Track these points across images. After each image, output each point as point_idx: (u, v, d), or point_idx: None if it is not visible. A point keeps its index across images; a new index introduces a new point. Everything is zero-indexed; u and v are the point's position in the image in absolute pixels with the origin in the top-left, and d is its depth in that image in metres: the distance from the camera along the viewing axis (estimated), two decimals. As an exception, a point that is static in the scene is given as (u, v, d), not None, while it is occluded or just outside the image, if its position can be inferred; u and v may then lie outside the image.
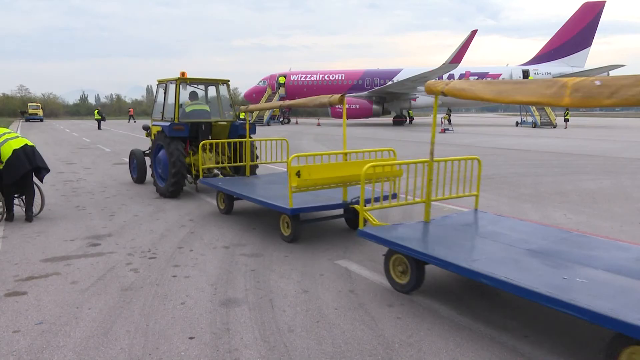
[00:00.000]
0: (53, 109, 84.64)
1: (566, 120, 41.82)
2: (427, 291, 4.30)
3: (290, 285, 4.44)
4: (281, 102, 7.99)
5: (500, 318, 3.75)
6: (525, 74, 43.03)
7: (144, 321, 3.69)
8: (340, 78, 47.93)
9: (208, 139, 9.30)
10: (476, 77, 44.31)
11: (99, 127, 39.67)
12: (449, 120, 34.18)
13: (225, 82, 9.98)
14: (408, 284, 4.24)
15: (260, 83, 50.37)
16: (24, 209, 7.10)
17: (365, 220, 5.20)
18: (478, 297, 4.17)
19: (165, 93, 9.55)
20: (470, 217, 5.40)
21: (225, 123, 9.61)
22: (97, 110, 44.36)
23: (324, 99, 6.59)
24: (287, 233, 6.02)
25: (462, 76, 44.33)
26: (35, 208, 7.19)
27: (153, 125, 9.88)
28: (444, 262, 3.83)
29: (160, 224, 6.85)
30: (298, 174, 5.66)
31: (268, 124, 46.24)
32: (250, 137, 8.95)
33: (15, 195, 7.15)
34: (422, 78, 39.57)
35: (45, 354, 3.21)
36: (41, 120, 61.56)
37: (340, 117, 45.32)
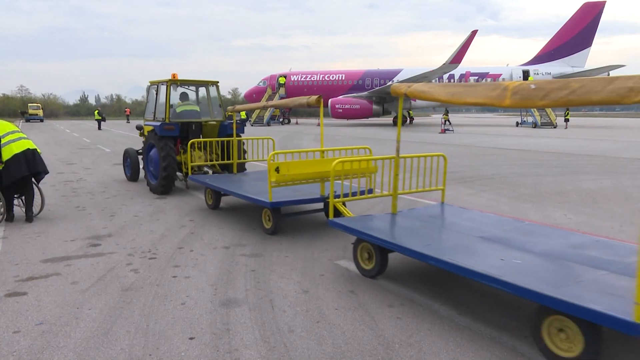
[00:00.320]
0: (53, 110, 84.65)
1: (566, 120, 41.81)
2: (427, 291, 4.30)
3: (291, 286, 4.44)
4: (265, 103, 8.73)
5: (500, 318, 3.75)
6: (526, 74, 43.03)
7: (144, 321, 3.69)
8: (340, 78, 47.92)
9: (198, 138, 9.60)
10: (476, 77, 44.33)
11: (99, 128, 39.69)
12: (448, 120, 34.18)
13: (215, 83, 10.35)
14: (373, 269, 4.66)
15: (261, 83, 50.38)
16: (23, 210, 7.11)
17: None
18: (478, 298, 4.18)
19: (156, 94, 9.94)
20: (435, 210, 5.82)
21: (214, 123, 10.00)
22: (97, 111, 44.39)
23: (303, 99, 7.12)
24: (268, 226, 6.37)
25: (462, 76, 44.34)
26: (35, 208, 7.19)
27: (145, 125, 10.23)
28: (401, 248, 4.25)
29: (160, 224, 6.85)
30: (277, 169, 6.08)
31: (268, 124, 46.24)
32: (239, 136, 9.40)
33: (15, 196, 7.15)
34: (422, 78, 39.55)
35: (45, 354, 3.21)
36: (41, 120, 61.58)
37: (341, 117, 45.32)
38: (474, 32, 35.33)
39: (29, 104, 64.76)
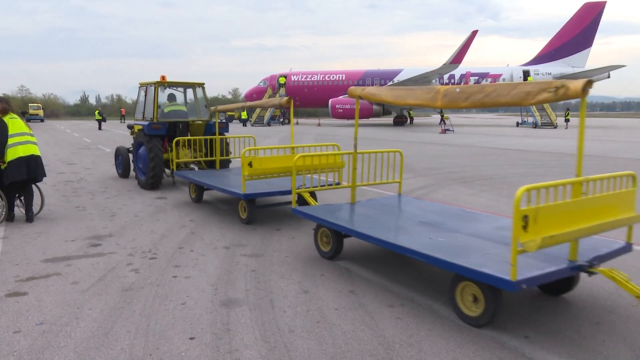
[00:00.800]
0: (54, 110, 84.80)
1: (567, 120, 41.82)
2: (427, 292, 4.30)
3: (291, 286, 4.44)
4: (243, 104, 9.69)
5: (501, 318, 3.74)
6: (526, 75, 43.03)
7: (145, 321, 3.69)
8: (340, 78, 47.93)
9: (186, 137, 10.14)
10: (477, 78, 44.34)
11: (100, 128, 39.72)
12: (442, 120, 34.16)
13: (201, 84, 10.86)
14: (330, 251, 5.32)
15: (261, 83, 50.40)
16: (23, 210, 7.11)
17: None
18: (478, 298, 4.17)
19: (145, 95, 10.45)
20: (390, 200, 6.39)
21: (201, 122, 10.58)
22: (97, 111, 44.43)
23: (276, 101, 7.92)
24: (244, 216, 6.94)
25: (462, 77, 44.33)
26: (35, 208, 7.20)
27: (135, 124, 10.77)
28: (349, 230, 4.91)
29: (160, 225, 6.85)
30: (250, 164, 6.84)
31: (268, 124, 46.27)
32: (222, 135, 10.13)
33: (15, 196, 7.15)
34: (422, 78, 39.59)
35: (46, 354, 3.21)
36: (42, 120, 61.66)
37: (341, 117, 45.37)
38: (474, 33, 35.35)
39: (30, 104, 64.80)
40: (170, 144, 9.85)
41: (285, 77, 48.55)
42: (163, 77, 10.29)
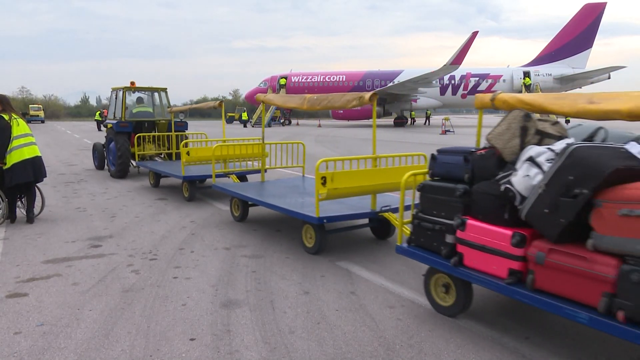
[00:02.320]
0: (54, 111, 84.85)
1: (567, 121, 41.79)
2: (428, 292, 4.30)
3: (291, 287, 4.44)
4: (190, 106, 11.40)
5: (502, 319, 3.74)
6: (526, 75, 43.02)
7: (145, 322, 3.69)
8: (341, 79, 47.94)
9: (149, 133, 11.92)
10: (477, 79, 44.34)
11: (99, 129, 39.73)
12: (429, 119, 34.01)
13: (164, 89, 12.81)
14: (239, 216, 7.04)
15: (261, 84, 50.41)
16: (24, 211, 7.11)
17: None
18: (479, 299, 4.17)
19: (116, 98, 12.32)
20: (293, 180, 8.15)
21: (164, 121, 12.45)
22: (98, 112, 44.46)
23: (211, 104, 9.66)
24: (186, 194, 8.78)
25: (462, 77, 44.33)
26: (36, 209, 7.20)
27: (107, 123, 12.65)
28: (246, 197, 6.64)
29: (161, 226, 6.86)
30: (188, 153, 8.99)
31: (269, 125, 46.29)
32: (182, 132, 12.06)
33: (17, 197, 7.15)
34: (423, 79, 39.59)
35: (46, 355, 3.21)
36: (42, 121, 61.74)
37: (341, 118, 45.44)
38: (474, 34, 35.37)
39: (30, 105, 64.86)
40: (137, 140, 11.48)
41: (286, 78, 48.56)
42: (132, 83, 12.12)
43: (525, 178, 3.14)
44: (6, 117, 6.73)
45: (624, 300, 2.59)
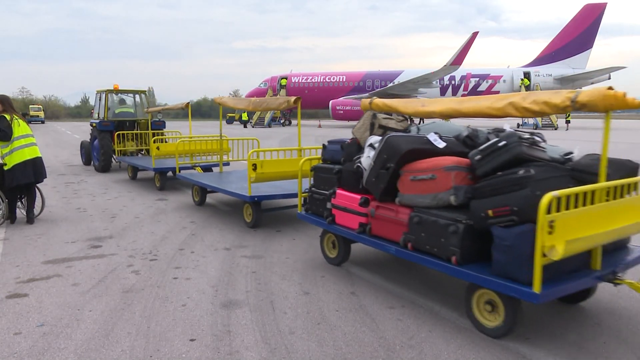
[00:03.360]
0: (54, 111, 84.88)
1: (567, 122, 41.81)
2: (428, 293, 4.30)
3: (291, 287, 4.44)
4: (160, 108, 13.14)
5: (502, 320, 3.73)
6: (527, 76, 43.01)
7: (145, 323, 3.69)
8: (341, 80, 47.92)
9: (129, 131, 13.29)
10: (477, 79, 44.33)
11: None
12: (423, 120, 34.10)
13: (143, 92, 14.31)
14: (198, 201, 8.33)
15: (261, 85, 50.38)
16: (24, 211, 7.11)
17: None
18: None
19: (100, 99, 13.70)
20: (245, 171, 8.24)
21: (144, 120, 13.71)
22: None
23: (179, 105, 11.37)
24: (158, 184, 10.14)
25: (463, 78, 44.32)
26: (36, 210, 7.20)
27: (92, 122, 14.07)
28: (201, 184, 7.98)
29: (161, 226, 6.86)
30: (158, 148, 10.46)
31: (269, 125, 46.27)
32: (160, 129, 13.34)
33: (17, 197, 7.15)
34: (423, 80, 39.59)
35: (46, 356, 3.21)
36: (42, 122, 61.75)
37: (341, 118, 45.37)
38: (474, 34, 35.35)
39: (30, 106, 64.92)
40: (118, 137, 12.71)
41: (286, 78, 48.53)
42: (115, 86, 13.65)
43: (367, 158, 4.34)
44: (8, 117, 6.73)
45: (410, 235, 3.86)
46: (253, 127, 44.97)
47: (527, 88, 42.11)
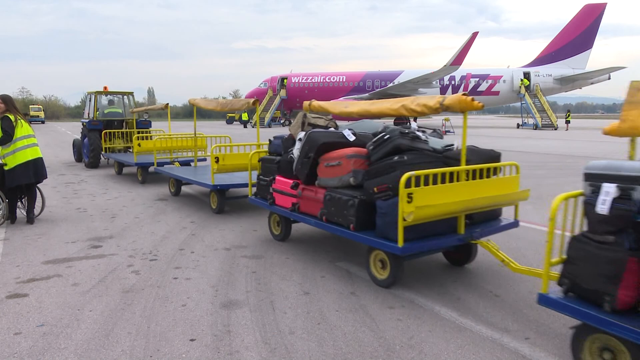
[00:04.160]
0: (54, 111, 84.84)
1: (567, 122, 41.80)
2: (428, 293, 4.30)
3: (291, 287, 4.44)
4: (144, 108, 13.92)
5: (502, 320, 3.74)
6: (527, 76, 42.98)
7: (145, 323, 3.69)
8: (341, 80, 47.91)
9: (120, 130, 14.23)
10: (477, 79, 44.31)
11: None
12: (421, 124, 34.05)
13: (130, 93, 15.32)
14: (174, 192, 9.34)
15: (262, 85, 50.40)
16: (24, 212, 7.11)
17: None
18: (479, 299, 4.17)
19: (90, 100, 14.68)
20: None
21: (131, 120, 14.63)
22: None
23: (159, 105, 12.09)
24: (140, 178, 11.20)
25: (463, 78, 44.30)
26: (36, 210, 7.20)
27: (82, 121, 15.15)
28: (174, 175, 9.04)
29: (161, 226, 6.86)
30: (139, 145, 11.44)
31: (269, 125, 46.27)
32: (146, 129, 14.15)
33: (18, 197, 7.15)
34: (423, 80, 39.56)
35: (46, 356, 3.21)
36: (43, 122, 61.77)
37: (341, 118, 45.35)
38: (474, 34, 35.32)
39: (31, 106, 64.92)
40: (107, 136, 13.65)
41: (286, 78, 48.52)
42: (105, 88, 14.66)
43: (297, 150, 5.28)
44: (12, 117, 6.74)
45: (325, 210, 4.86)
46: (253, 127, 44.97)
47: (527, 88, 42.11)
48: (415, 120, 45.13)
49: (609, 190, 2.75)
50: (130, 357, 3.18)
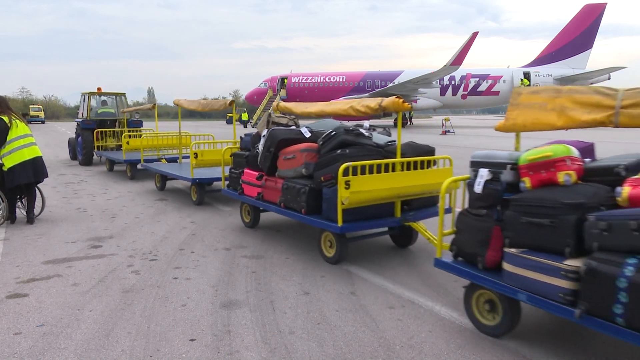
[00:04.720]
0: (54, 111, 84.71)
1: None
2: (428, 293, 4.30)
3: (291, 287, 4.44)
4: (134, 108, 14.24)
5: (502, 320, 3.74)
6: (527, 76, 42.97)
7: (145, 323, 3.69)
8: (341, 80, 47.87)
9: (112, 129, 14.69)
10: (477, 79, 44.28)
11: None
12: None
13: (122, 94, 15.95)
14: (160, 186, 9.94)
15: (262, 85, 50.37)
16: (24, 212, 7.11)
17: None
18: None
19: (84, 101, 15.17)
20: None
21: (123, 120, 15.01)
22: (97, 113, 44.34)
23: (147, 106, 12.47)
24: (129, 174, 11.78)
25: (462, 78, 44.28)
26: (36, 210, 7.20)
27: (76, 121, 15.81)
28: (158, 170, 9.68)
29: (161, 226, 6.86)
30: (128, 142, 11.99)
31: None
32: (138, 128, 14.75)
33: (17, 197, 7.15)
34: (423, 80, 39.53)
35: (46, 356, 3.21)
36: (43, 122, 61.75)
37: (341, 118, 45.33)
38: (474, 34, 35.31)
39: (30, 106, 64.84)
40: (99, 135, 14.15)
41: (286, 78, 48.49)
42: (99, 89, 15.22)
43: (261, 145, 5.89)
44: (6, 119, 6.74)
45: (283, 197, 5.48)
46: (253, 126, 44.97)
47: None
48: (368, 119, 45.20)
49: (483, 174, 3.45)
50: (130, 357, 3.18)
